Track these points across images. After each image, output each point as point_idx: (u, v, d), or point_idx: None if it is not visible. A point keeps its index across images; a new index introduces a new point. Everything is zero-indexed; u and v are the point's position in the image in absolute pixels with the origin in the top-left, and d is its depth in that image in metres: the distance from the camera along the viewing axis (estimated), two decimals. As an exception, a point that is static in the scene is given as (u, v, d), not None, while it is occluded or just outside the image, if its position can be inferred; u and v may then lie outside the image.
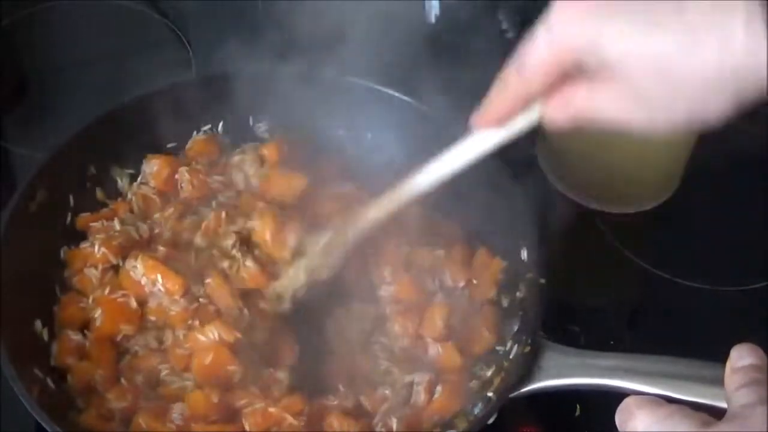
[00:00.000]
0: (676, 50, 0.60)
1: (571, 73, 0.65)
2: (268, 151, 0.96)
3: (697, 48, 0.59)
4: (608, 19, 0.61)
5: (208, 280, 0.85)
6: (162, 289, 0.84)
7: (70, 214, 0.91)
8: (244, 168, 0.95)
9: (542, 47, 0.65)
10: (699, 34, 0.59)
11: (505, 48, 0.70)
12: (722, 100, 0.61)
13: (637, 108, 0.64)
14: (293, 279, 0.85)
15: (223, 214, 0.89)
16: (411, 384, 0.83)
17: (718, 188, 1.07)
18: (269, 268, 0.86)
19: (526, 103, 0.69)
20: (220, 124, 0.98)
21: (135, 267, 0.84)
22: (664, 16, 0.60)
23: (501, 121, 0.71)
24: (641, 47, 0.61)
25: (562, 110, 0.68)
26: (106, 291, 0.85)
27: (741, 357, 0.61)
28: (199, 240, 0.89)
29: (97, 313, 0.84)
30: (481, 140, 0.74)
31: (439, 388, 0.83)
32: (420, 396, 0.83)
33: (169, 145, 0.96)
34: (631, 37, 0.61)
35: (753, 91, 0.60)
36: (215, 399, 0.79)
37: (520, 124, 0.71)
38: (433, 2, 1.12)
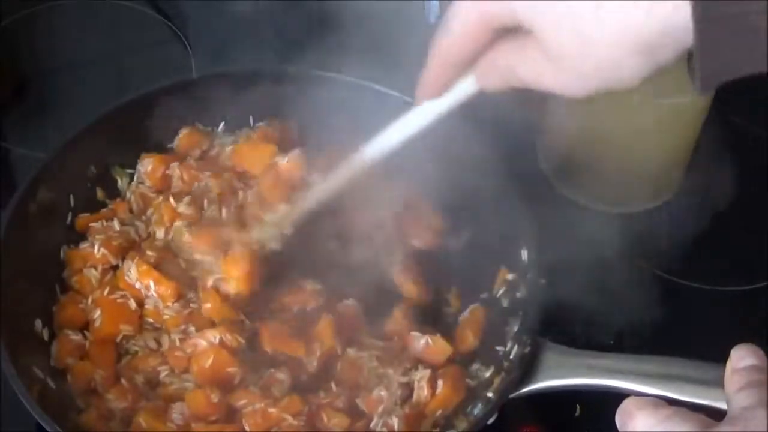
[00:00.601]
0: (584, 5, 0.59)
1: (497, 34, 0.65)
2: (257, 135, 0.96)
3: (608, 5, 0.58)
4: None
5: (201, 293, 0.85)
6: (155, 294, 0.84)
7: (70, 214, 0.91)
8: None
9: (465, 10, 0.66)
10: None
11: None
12: (636, 61, 0.60)
13: (552, 68, 0.63)
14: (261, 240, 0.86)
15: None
16: (407, 384, 0.83)
17: (718, 188, 1.07)
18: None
19: (460, 69, 0.69)
20: (221, 125, 0.98)
21: (129, 271, 0.85)
22: None
23: (439, 90, 0.71)
24: (550, 4, 0.60)
25: (489, 72, 0.68)
26: (106, 291, 0.85)
27: (741, 358, 0.61)
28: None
29: (97, 314, 0.84)
30: (425, 111, 0.75)
31: (440, 382, 0.83)
32: (423, 391, 0.83)
33: (170, 145, 0.96)
34: None
35: (669, 52, 0.59)
36: (215, 399, 0.79)
37: (459, 93, 0.71)
38: (433, 2, 1.12)
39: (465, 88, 0.71)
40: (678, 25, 0.57)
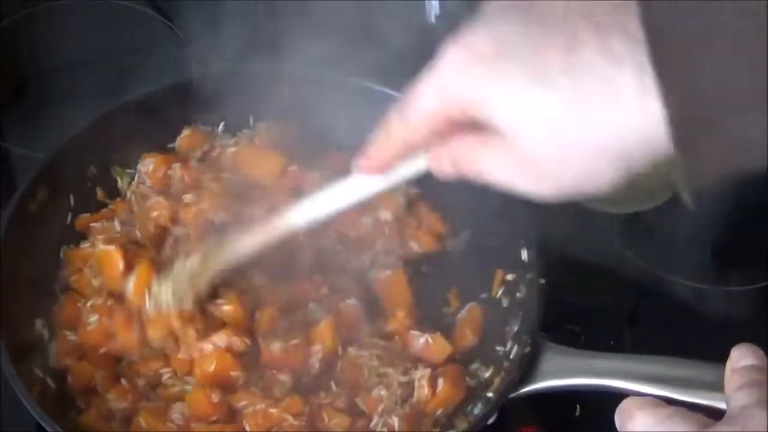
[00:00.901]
0: (563, 111, 0.54)
1: (459, 124, 0.61)
2: (258, 138, 0.96)
3: (584, 108, 0.54)
4: (497, 72, 0.56)
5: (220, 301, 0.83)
6: None
7: (70, 214, 0.91)
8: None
9: (428, 95, 0.60)
10: (587, 93, 0.53)
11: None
12: (611, 166, 0.56)
13: (522, 170, 0.58)
14: (157, 300, 0.81)
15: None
16: (407, 383, 0.83)
17: (718, 188, 1.07)
18: None
19: (409, 152, 0.66)
20: (221, 125, 0.98)
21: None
22: (552, 71, 0.54)
23: (383, 168, 0.68)
24: (526, 106, 0.55)
25: (446, 161, 0.64)
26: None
27: (741, 357, 0.61)
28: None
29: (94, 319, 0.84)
30: (363, 184, 0.71)
31: (440, 381, 0.83)
32: (423, 390, 0.83)
33: (170, 145, 0.96)
34: (517, 95, 0.55)
35: (641, 157, 0.56)
36: (216, 399, 0.79)
37: (405, 172, 0.68)
38: (433, 2, 1.12)
39: (414, 167, 0.67)
40: (656, 132, 0.53)
